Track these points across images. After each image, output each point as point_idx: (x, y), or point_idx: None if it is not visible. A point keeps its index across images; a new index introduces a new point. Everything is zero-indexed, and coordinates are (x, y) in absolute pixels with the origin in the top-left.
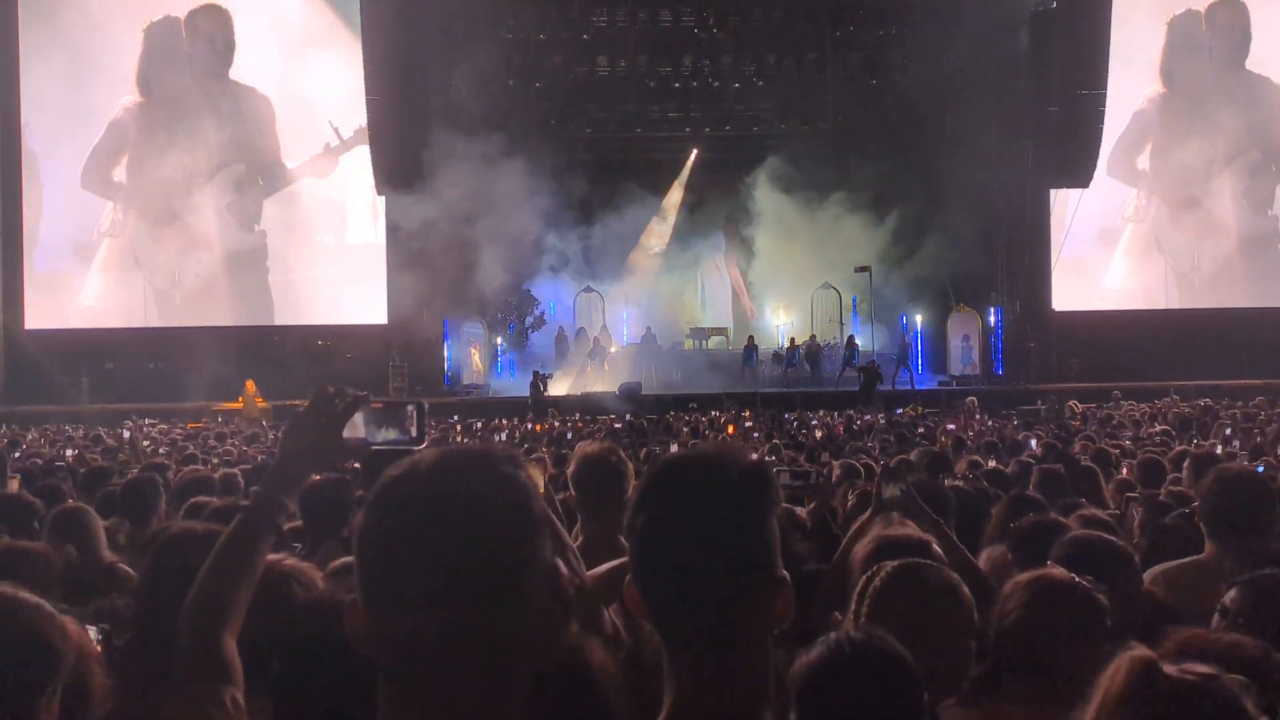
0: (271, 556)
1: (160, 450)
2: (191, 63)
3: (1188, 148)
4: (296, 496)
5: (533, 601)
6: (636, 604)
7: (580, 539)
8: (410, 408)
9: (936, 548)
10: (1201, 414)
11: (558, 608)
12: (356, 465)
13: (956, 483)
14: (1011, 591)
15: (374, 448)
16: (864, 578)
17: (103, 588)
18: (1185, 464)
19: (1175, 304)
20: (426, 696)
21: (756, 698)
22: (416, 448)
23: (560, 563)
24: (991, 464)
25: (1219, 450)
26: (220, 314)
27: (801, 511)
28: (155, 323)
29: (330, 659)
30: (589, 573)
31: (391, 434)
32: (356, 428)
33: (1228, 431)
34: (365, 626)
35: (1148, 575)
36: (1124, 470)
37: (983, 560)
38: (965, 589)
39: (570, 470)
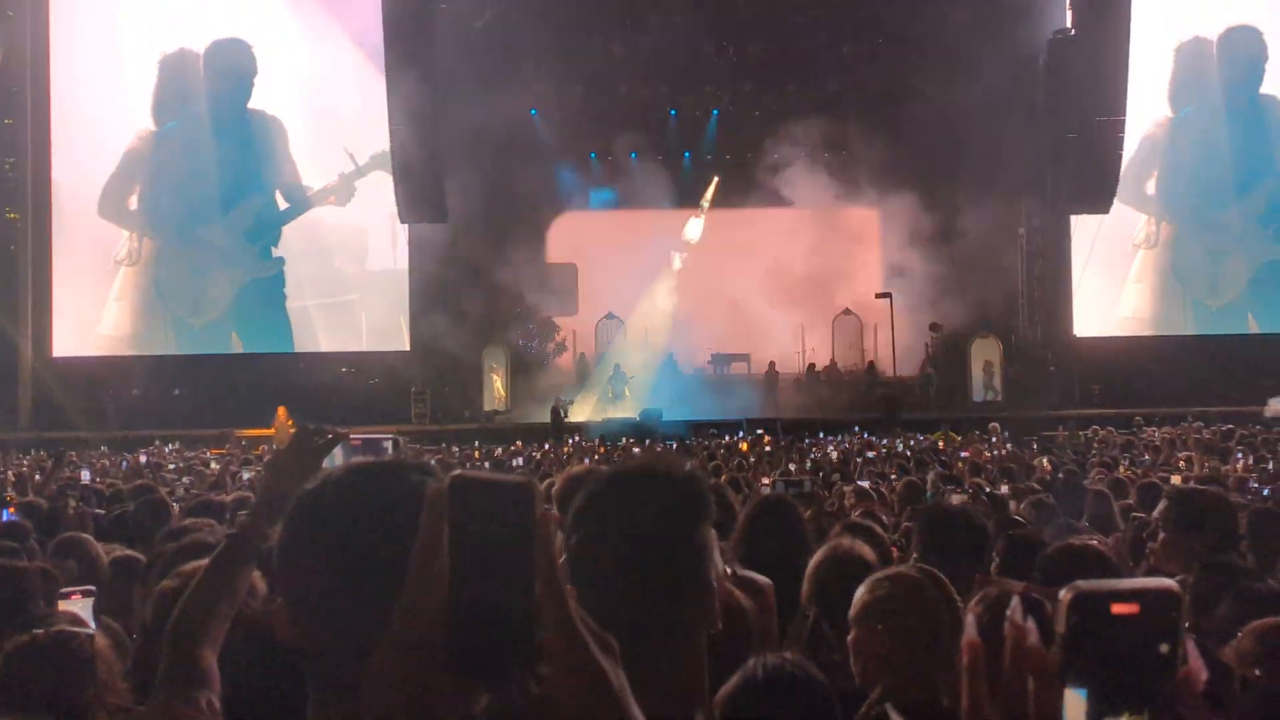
0: None
1: (184, 478)
2: (208, 93)
3: (1198, 172)
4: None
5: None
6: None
7: (563, 557)
8: (387, 442)
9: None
10: (1222, 439)
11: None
12: None
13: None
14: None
15: None
16: (863, 590)
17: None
18: (1132, 491)
19: (1192, 330)
20: (353, 694)
21: (689, 699)
22: None
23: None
24: (1004, 488)
25: (1235, 472)
26: (239, 342)
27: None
28: (174, 351)
29: (266, 664)
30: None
31: None
32: (336, 462)
33: (1239, 455)
34: (289, 631)
35: None
36: (1133, 495)
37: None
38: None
39: (554, 489)
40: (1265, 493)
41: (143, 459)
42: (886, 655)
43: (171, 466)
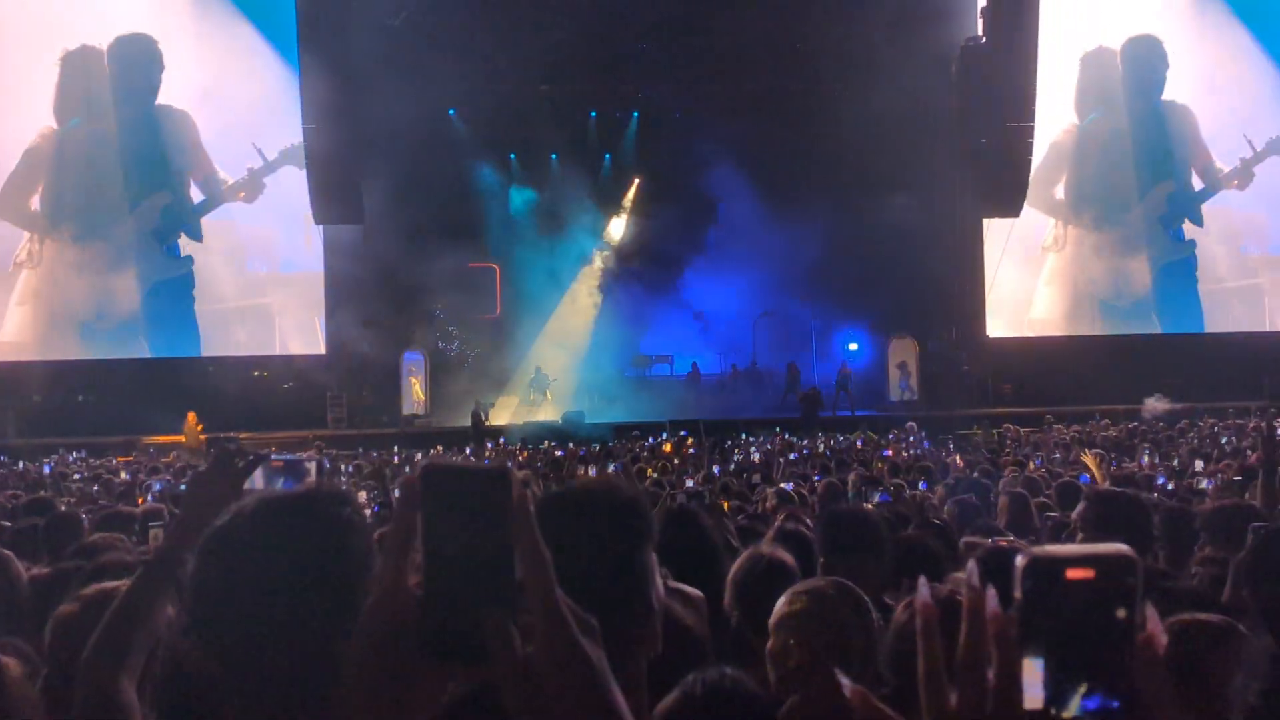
0: None
1: (93, 488)
2: (114, 90)
3: (1102, 177)
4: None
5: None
6: None
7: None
8: (310, 464)
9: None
10: (1128, 437)
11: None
12: None
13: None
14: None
15: None
16: (782, 602)
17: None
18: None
19: (1099, 330)
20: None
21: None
22: None
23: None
24: (922, 487)
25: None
26: (146, 345)
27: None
28: (79, 355)
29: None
30: None
31: None
32: (257, 484)
33: (1146, 454)
34: (201, 664)
35: None
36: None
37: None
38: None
39: None
40: (1169, 487)
41: (46, 469)
42: (797, 668)
43: (77, 476)
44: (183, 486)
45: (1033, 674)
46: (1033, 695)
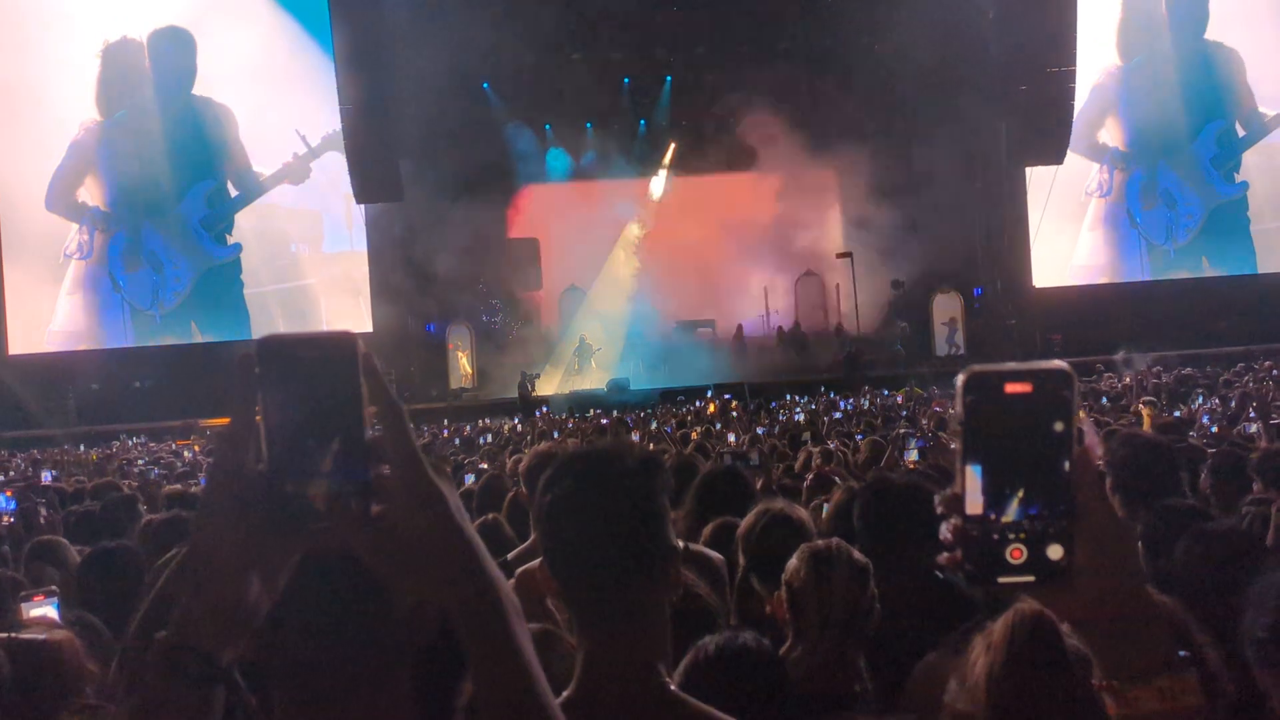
0: None
1: (153, 473)
2: (154, 82)
3: (1150, 119)
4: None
5: None
6: (548, 581)
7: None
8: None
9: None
10: (1180, 383)
11: None
12: None
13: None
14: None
15: None
16: (793, 560)
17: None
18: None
19: (1149, 275)
20: None
21: (655, 658)
22: None
23: None
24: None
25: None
26: (198, 331)
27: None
28: (133, 343)
29: None
30: (529, 566)
31: None
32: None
33: (1199, 399)
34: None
35: None
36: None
37: None
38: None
39: (521, 467)
40: (1213, 429)
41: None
42: (798, 624)
43: (141, 461)
44: None
45: (973, 482)
46: (973, 501)
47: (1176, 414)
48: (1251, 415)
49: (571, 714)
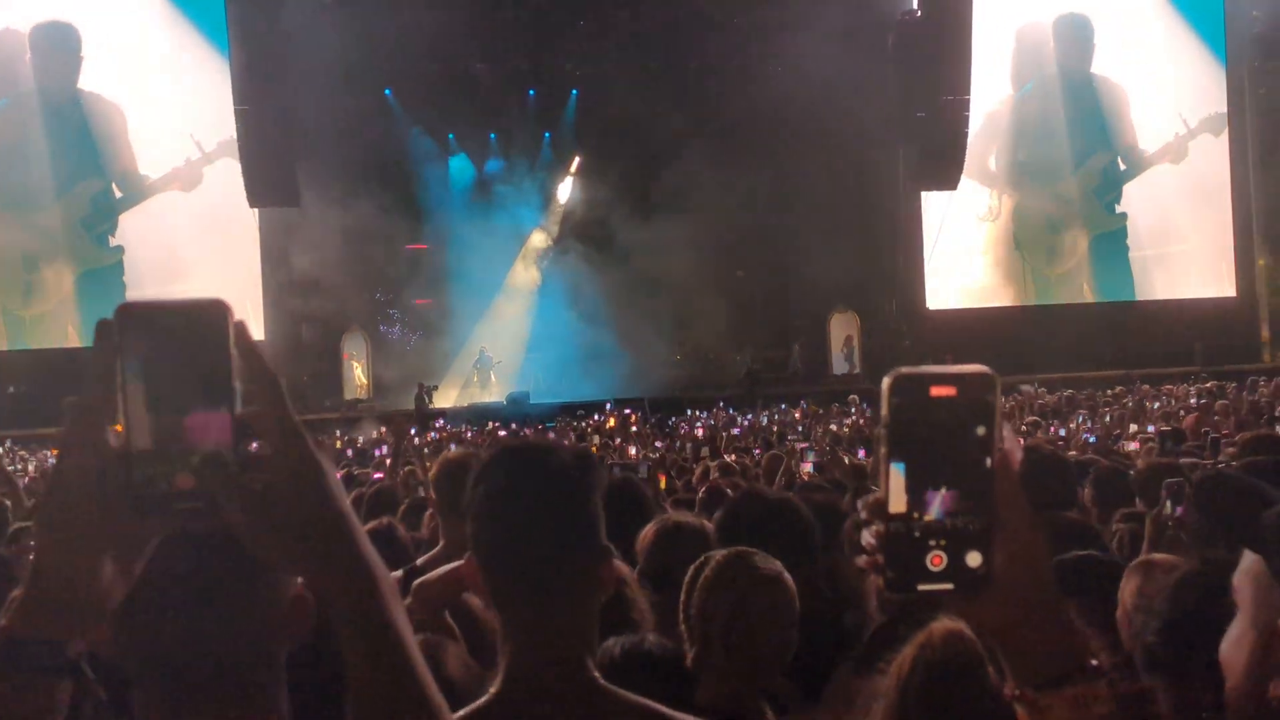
0: None
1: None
2: (35, 74)
3: (1038, 148)
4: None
5: None
6: (474, 574)
7: (441, 543)
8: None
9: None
10: (1063, 404)
11: None
12: None
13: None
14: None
15: None
16: (693, 568)
17: None
18: None
19: (1033, 300)
20: None
21: (585, 652)
22: None
23: None
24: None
25: (1071, 435)
26: (76, 335)
27: None
28: (4, 346)
29: None
30: (428, 576)
31: None
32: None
33: (1080, 418)
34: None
35: None
36: None
37: None
38: (788, 578)
39: (431, 475)
40: (1092, 440)
41: None
42: (703, 631)
43: (13, 468)
44: None
45: (897, 480)
46: (897, 500)
47: (1063, 433)
48: (1131, 433)
49: (501, 709)
